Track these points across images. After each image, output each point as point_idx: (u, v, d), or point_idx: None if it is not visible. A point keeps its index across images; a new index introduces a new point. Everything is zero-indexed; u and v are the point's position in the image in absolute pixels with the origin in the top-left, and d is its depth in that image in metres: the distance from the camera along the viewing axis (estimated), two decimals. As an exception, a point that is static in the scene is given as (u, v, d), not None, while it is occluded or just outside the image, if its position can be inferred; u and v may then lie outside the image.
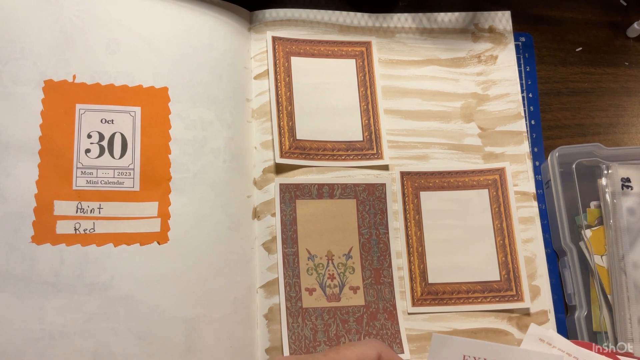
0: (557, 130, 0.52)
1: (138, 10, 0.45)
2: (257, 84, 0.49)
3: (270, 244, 0.46)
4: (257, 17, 0.51)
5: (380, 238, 0.47)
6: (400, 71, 0.51)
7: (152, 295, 0.41)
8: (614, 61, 0.55)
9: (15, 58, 0.42)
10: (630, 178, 0.47)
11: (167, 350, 0.40)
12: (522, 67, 0.53)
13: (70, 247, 0.40)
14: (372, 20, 0.53)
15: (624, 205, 0.47)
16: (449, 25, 0.53)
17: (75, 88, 0.43)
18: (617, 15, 0.56)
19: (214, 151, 0.45)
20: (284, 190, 0.47)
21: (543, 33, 0.55)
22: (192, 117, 0.45)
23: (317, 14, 0.52)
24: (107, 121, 0.43)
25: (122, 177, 0.42)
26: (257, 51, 0.50)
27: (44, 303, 0.39)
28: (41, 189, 0.40)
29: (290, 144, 0.48)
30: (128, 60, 0.44)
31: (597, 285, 0.46)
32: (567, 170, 0.48)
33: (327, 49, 0.51)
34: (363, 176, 0.48)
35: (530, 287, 0.46)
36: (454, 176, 0.49)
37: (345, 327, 0.44)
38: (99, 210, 0.41)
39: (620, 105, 0.53)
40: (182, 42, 0.46)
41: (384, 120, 0.50)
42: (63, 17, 0.43)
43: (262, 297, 0.44)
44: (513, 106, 0.51)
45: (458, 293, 0.46)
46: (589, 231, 0.47)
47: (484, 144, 0.50)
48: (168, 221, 0.42)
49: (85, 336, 0.39)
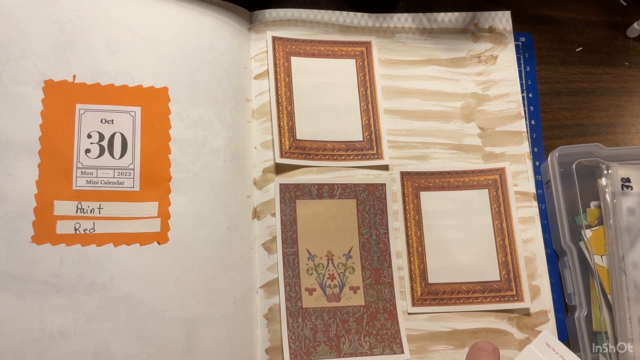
0: (557, 130, 0.52)
1: (138, 10, 0.45)
2: (257, 84, 0.49)
3: (270, 244, 0.46)
4: (257, 17, 0.51)
5: (380, 238, 0.47)
6: (400, 71, 0.51)
7: (152, 295, 0.41)
8: (614, 61, 0.55)
9: (15, 58, 0.42)
10: (630, 178, 0.47)
11: (167, 350, 0.40)
12: (522, 67, 0.53)
13: (70, 247, 0.40)
14: (372, 20, 0.53)
15: (624, 205, 0.47)
16: (449, 25, 0.53)
17: (75, 88, 0.43)
18: (617, 15, 0.56)
19: (214, 151, 0.45)
20: (284, 190, 0.47)
21: (543, 33, 0.55)
22: (192, 117, 0.45)
23: (317, 14, 0.52)
24: (107, 121, 0.43)
25: (122, 177, 0.42)
26: (257, 51, 0.50)
27: (44, 303, 0.39)
28: (41, 189, 0.40)
29: (290, 144, 0.48)
30: (128, 60, 0.44)
31: (597, 285, 0.46)
32: (567, 170, 0.48)
33: (327, 49, 0.51)
34: (363, 176, 0.48)
35: (530, 287, 0.46)
36: (454, 176, 0.49)
37: (345, 327, 0.44)
38: (99, 210, 0.41)
39: (620, 105, 0.53)
40: (182, 42, 0.46)
41: (384, 120, 0.50)
42: (63, 17, 0.43)
43: (262, 297, 0.44)
44: (513, 106, 0.51)
45: (458, 293, 0.46)
46: (589, 231, 0.47)
47: (484, 144, 0.50)
48: (168, 221, 0.42)
49: (85, 336, 0.39)
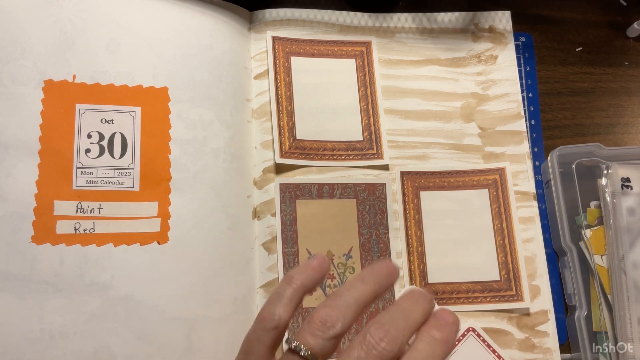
0: (557, 130, 0.52)
1: (138, 10, 0.45)
2: (257, 84, 0.49)
3: (270, 244, 0.46)
4: (257, 17, 0.51)
5: (380, 238, 0.47)
6: (400, 71, 0.51)
7: (152, 295, 0.41)
8: (614, 61, 0.55)
9: (15, 58, 0.42)
10: (630, 178, 0.47)
11: (167, 350, 0.40)
12: (522, 67, 0.53)
13: (70, 247, 0.40)
14: (372, 20, 0.53)
15: (624, 205, 0.47)
16: (449, 25, 0.53)
17: (75, 88, 0.43)
18: (617, 15, 0.56)
19: (214, 151, 0.45)
20: (284, 190, 0.47)
21: (543, 33, 0.55)
22: (192, 117, 0.45)
23: (317, 14, 0.52)
24: (107, 121, 0.43)
25: (122, 177, 0.42)
26: (257, 51, 0.50)
27: (44, 303, 0.39)
28: (41, 189, 0.40)
29: (290, 144, 0.48)
30: (128, 60, 0.44)
31: (597, 285, 0.46)
32: (567, 170, 0.48)
33: (327, 49, 0.51)
34: (363, 176, 0.48)
35: (530, 287, 0.46)
36: (454, 176, 0.49)
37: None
38: (99, 210, 0.41)
39: (620, 105, 0.53)
40: (182, 42, 0.46)
41: (384, 120, 0.50)
42: (63, 17, 0.43)
43: (262, 297, 0.44)
44: (513, 106, 0.51)
45: (458, 293, 0.46)
46: (589, 231, 0.47)
47: (484, 144, 0.50)
48: (168, 221, 0.42)
49: (85, 336, 0.39)
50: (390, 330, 0.28)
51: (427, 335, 0.29)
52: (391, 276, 0.33)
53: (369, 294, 0.31)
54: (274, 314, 0.30)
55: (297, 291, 0.31)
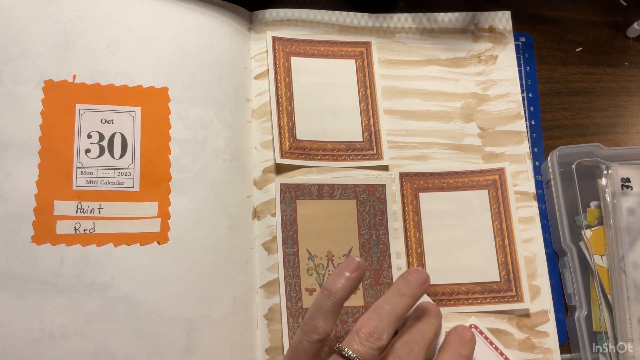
0: (557, 130, 0.52)
1: (138, 10, 0.45)
2: (257, 84, 0.49)
3: (270, 244, 0.46)
4: (257, 17, 0.51)
5: (380, 239, 0.47)
6: (400, 71, 0.51)
7: (152, 295, 0.41)
8: (614, 61, 0.55)
9: (15, 58, 0.42)
10: (630, 178, 0.47)
11: (167, 350, 0.40)
12: (522, 67, 0.53)
13: (70, 247, 0.40)
14: (372, 20, 0.53)
15: (624, 205, 0.47)
16: (449, 25, 0.53)
17: (75, 88, 0.43)
18: (617, 15, 0.56)
19: (214, 151, 0.45)
20: (284, 190, 0.47)
21: (543, 33, 0.55)
22: (192, 117, 0.45)
23: (317, 14, 0.52)
24: (107, 121, 0.43)
25: (122, 177, 0.42)
26: (257, 51, 0.50)
27: (44, 303, 0.39)
28: (41, 189, 0.40)
29: (291, 144, 0.48)
30: (128, 60, 0.44)
31: (597, 285, 0.46)
32: (567, 170, 0.48)
33: (327, 49, 0.51)
34: (363, 176, 0.48)
35: (530, 287, 0.46)
36: (454, 177, 0.49)
37: (345, 327, 0.44)
38: (99, 210, 0.41)
39: (620, 105, 0.53)
40: (182, 42, 0.46)
41: (383, 121, 0.50)
42: (63, 17, 0.43)
43: (262, 297, 0.44)
44: (513, 106, 0.51)
45: (457, 294, 0.46)
46: (589, 231, 0.47)
47: (484, 144, 0.50)
48: (168, 221, 0.42)
49: (85, 336, 0.39)
50: (414, 347, 0.36)
51: (455, 351, 0.37)
52: (424, 284, 0.39)
53: (406, 308, 0.37)
54: (319, 327, 0.35)
55: (336, 305, 0.36)
